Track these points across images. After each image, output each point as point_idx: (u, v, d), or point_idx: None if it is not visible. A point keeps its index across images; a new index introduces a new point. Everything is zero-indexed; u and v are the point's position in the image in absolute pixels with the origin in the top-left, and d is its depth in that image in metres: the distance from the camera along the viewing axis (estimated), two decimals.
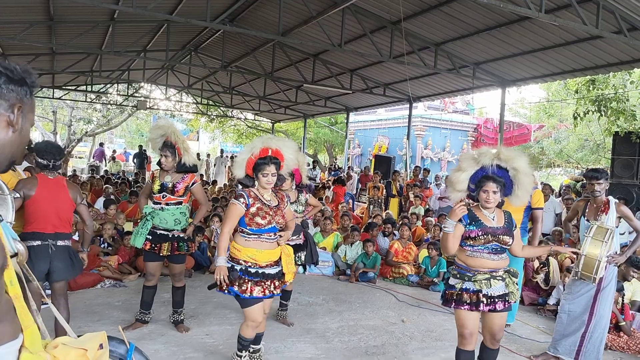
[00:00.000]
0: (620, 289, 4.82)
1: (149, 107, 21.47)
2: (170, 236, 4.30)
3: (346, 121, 18.95)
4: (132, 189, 11.13)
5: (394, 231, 8.18)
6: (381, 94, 14.06)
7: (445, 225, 3.22)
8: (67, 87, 18.04)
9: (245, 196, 3.26)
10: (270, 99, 17.59)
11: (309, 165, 17.85)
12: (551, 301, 5.83)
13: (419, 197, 10.63)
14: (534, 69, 10.10)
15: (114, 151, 24.10)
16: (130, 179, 15.29)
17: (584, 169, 18.01)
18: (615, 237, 4.04)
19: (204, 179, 17.77)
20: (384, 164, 15.24)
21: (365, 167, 16.54)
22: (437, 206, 10.78)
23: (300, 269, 6.46)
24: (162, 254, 4.30)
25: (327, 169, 20.73)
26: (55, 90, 18.09)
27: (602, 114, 10.21)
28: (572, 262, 6.00)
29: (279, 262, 3.37)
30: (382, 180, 11.85)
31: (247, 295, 3.18)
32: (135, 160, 18.82)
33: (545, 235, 7.66)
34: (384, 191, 11.34)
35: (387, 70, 12.54)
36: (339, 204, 11.48)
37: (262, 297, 3.23)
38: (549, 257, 6.35)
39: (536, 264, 6.40)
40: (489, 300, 3.14)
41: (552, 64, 9.55)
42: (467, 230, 3.19)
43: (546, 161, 23.65)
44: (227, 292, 3.23)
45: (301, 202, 4.86)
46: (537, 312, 5.92)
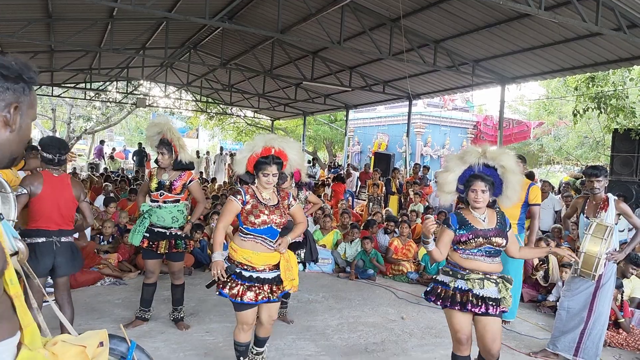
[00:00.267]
0: (619, 286, 4.83)
1: (148, 104, 21.44)
2: (167, 234, 4.30)
3: (346, 118, 18.96)
4: (131, 186, 11.11)
5: (395, 229, 8.18)
6: (380, 91, 14.05)
7: (424, 245, 3.09)
8: (66, 85, 18.01)
9: (242, 193, 3.22)
10: (269, 96, 17.58)
11: (309, 162, 17.84)
12: (551, 298, 5.84)
13: (419, 195, 10.63)
14: (533, 66, 10.10)
15: (113, 149, 24.07)
16: (129, 176, 15.28)
17: (583, 166, 18.01)
18: (614, 235, 4.05)
19: (204, 176, 17.78)
20: (383, 161, 15.25)
21: (365, 165, 16.54)
22: (436, 203, 10.77)
23: (300, 266, 6.45)
24: (160, 252, 4.30)
25: (327, 166, 20.73)
26: (54, 87, 18.06)
27: (602, 111, 10.22)
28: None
29: (278, 266, 3.25)
30: (381, 177, 11.85)
31: (237, 299, 3.11)
32: (134, 157, 18.81)
33: (544, 232, 7.67)
34: (384, 189, 11.34)
35: (386, 67, 12.54)
36: (338, 201, 11.50)
37: (253, 303, 3.14)
38: (549, 254, 6.36)
39: (536, 261, 6.41)
40: (479, 300, 3.02)
41: (551, 61, 9.54)
42: (458, 234, 3.10)
43: (545, 158, 23.67)
44: (218, 294, 3.17)
45: (301, 199, 4.87)
46: (537, 308, 5.93)
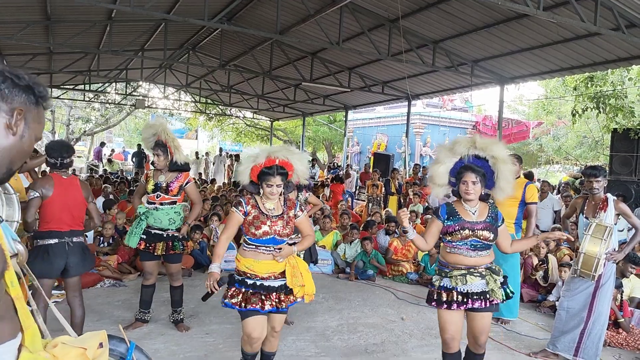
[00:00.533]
0: (619, 286, 4.83)
1: (147, 105, 21.45)
2: (164, 236, 4.30)
3: (345, 119, 18.95)
4: (131, 188, 11.11)
5: (396, 229, 8.18)
6: (380, 91, 14.06)
7: (405, 234, 3.09)
8: (65, 87, 18.04)
9: (243, 204, 3.12)
10: (268, 97, 17.59)
11: (308, 163, 17.85)
12: (551, 298, 5.84)
13: (418, 195, 10.63)
14: (532, 66, 10.11)
15: (112, 150, 24.06)
16: (129, 178, 15.28)
17: (582, 165, 18.03)
18: (614, 235, 4.05)
19: (203, 177, 17.78)
20: (382, 161, 15.26)
21: (365, 165, 16.55)
22: (436, 204, 10.76)
23: None
24: (157, 254, 4.30)
25: (327, 167, 20.74)
26: (53, 89, 18.06)
27: (601, 110, 10.22)
28: (571, 259, 6.02)
29: (284, 275, 3.11)
30: (381, 178, 11.85)
31: (241, 307, 3.00)
32: (134, 159, 18.81)
33: (543, 232, 7.68)
34: (383, 189, 11.35)
35: (385, 68, 12.55)
36: (337, 201, 11.49)
37: (259, 310, 3.00)
38: (548, 255, 6.36)
39: (535, 261, 6.41)
40: (463, 297, 3.00)
41: (550, 61, 9.56)
42: (445, 225, 3.10)
43: (545, 158, 23.70)
44: (224, 305, 3.09)
45: (301, 201, 4.87)
46: (536, 309, 5.93)
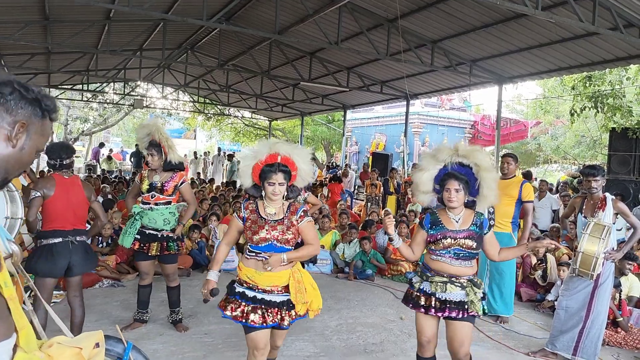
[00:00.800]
0: (617, 285, 4.84)
1: (145, 105, 21.43)
2: (159, 236, 4.29)
3: (343, 119, 18.96)
4: (129, 188, 11.09)
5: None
6: (378, 91, 14.07)
7: (390, 242, 3.11)
8: (63, 87, 18.01)
9: (242, 209, 3.00)
10: (267, 97, 17.58)
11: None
12: (550, 297, 5.84)
13: None
14: (530, 66, 10.12)
15: (111, 150, 24.04)
16: (127, 177, 15.26)
17: (580, 165, 18.06)
18: (612, 234, 4.05)
19: (201, 177, 17.76)
20: (381, 161, 15.25)
21: (364, 165, 16.53)
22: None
23: None
24: (151, 254, 4.29)
25: (325, 166, 20.73)
26: (51, 89, 18.02)
27: (599, 110, 10.21)
28: (570, 259, 6.02)
29: (287, 289, 2.90)
30: (379, 177, 11.84)
31: (240, 321, 2.87)
32: (132, 159, 18.79)
33: (543, 232, 7.68)
34: (382, 189, 11.34)
35: (384, 67, 12.55)
36: (335, 201, 11.47)
37: (259, 326, 2.83)
38: (547, 254, 6.36)
39: (534, 260, 6.41)
40: (441, 304, 2.97)
41: (548, 60, 9.57)
42: (429, 234, 3.09)
43: (543, 157, 23.73)
44: (223, 316, 2.99)
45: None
46: (535, 308, 5.93)
